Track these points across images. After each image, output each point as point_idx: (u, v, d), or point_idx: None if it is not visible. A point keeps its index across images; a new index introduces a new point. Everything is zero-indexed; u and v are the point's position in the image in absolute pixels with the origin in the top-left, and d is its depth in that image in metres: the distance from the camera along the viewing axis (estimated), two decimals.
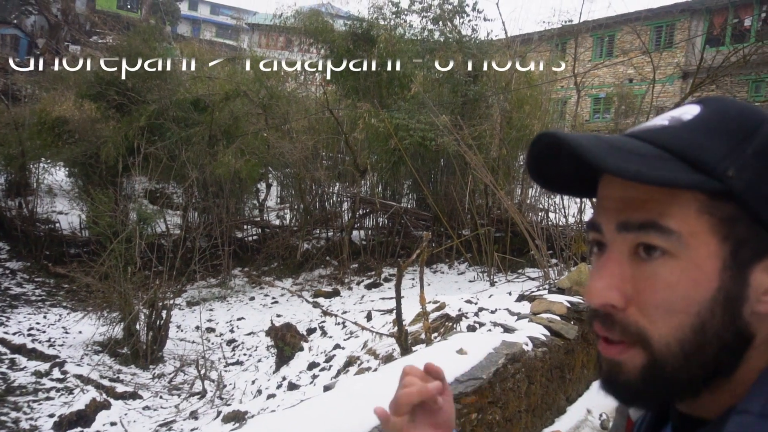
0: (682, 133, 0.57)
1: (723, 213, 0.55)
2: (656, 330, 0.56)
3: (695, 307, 0.55)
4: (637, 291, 0.57)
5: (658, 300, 0.56)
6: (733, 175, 0.54)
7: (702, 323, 0.55)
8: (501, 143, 11.64)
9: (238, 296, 12.25)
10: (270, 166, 15.27)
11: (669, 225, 0.55)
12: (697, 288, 0.55)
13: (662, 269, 0.56)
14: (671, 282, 0.55)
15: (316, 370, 7.38)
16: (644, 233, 0.56)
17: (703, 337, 0.55)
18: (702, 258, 0.55)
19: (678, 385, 0.57)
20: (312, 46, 14.45)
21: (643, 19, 18.38)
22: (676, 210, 0.55)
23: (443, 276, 12.16)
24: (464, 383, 3.08)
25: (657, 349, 0.56)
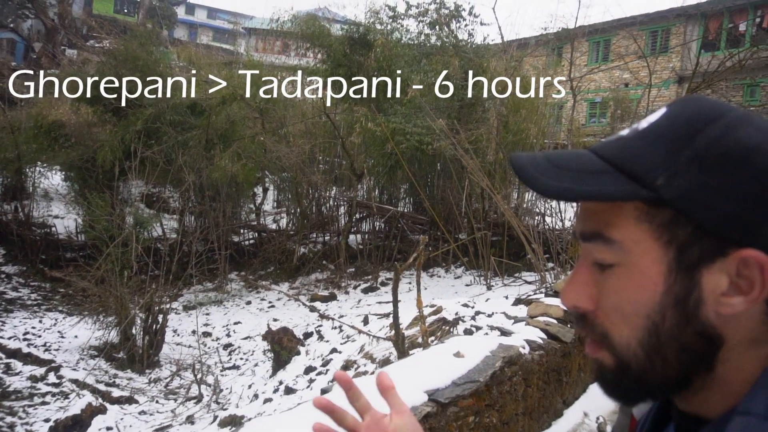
0: (627, 145, 0.60)
1: (662, 219, 0.57)
2: (617, 332, 0.59)
3: (644, 310, 0.58)
4: (599, 296, 0.61)
5: (611, 305, 0.60)
6: (662, 183, 0.56)
7: (654, 325, 0.57)
8: (497, 147, 11.66)
9: (234, 300, 12.23)
10: (266, 170, 15.27)
11: (611, 235, 0.59)
12: (643, 292, 0.58)
13: (612, 277, 0.60)
14: (618, 288, 0.59)
15: (312, 374, 7.37)
16: (592, 244, 0.61)
17: (659, 338, 0.57)
18: (646, 264, 0.58)
19: (650, 383, 0.60)
20: (309, 51, 14.47)
21: (638, 23, 18.49)
22: (619, 220, 0.59)
23: (440, 280, 12.16)
24: (461, 386, 3.08)
25: (619, 350, 0.60)
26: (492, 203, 11.78)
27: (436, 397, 2.91)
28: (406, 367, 3.21)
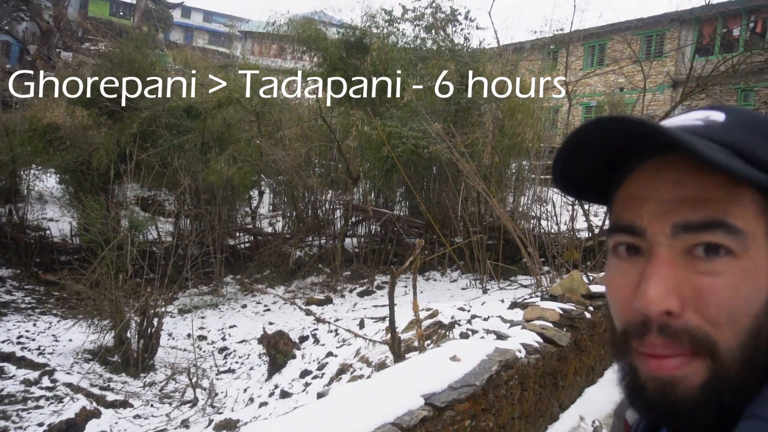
0: (731, 132, 0.56)
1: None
2: (721, 335, 0.53)
3: (754, 309, 0.53)
4: (695, 293, 0.54)
5: (722, 301, 0.53)
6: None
7: (759, 327, 0.53)
8: (493, 151, 11.69)
9: (230, 304, 12.20)
10: (262, 174, 15.27)
11: (737, 224, 0.53)
12: (758, 290, 0.53)
13: (726, 269, 0.53)
14: (735, 283, 0.53)
15: (308, 377, 7.36)
16: (708, 233, 0.53)
17: (759, 342, 0.53)
18: (760, 258, 0.54)
19: (735, 395, 0.54)
20: (305, 54, 14.49)
21: (633, 28, 18.57)
22: (740, 210, 0.54)
23: (436, 283, 12.16)
24: (457, 390, 3.08)
25: (723, 356, 0.53)
26: (488, 207, 11.80)
27: (433, 401, 2.91)
28: (402, 371, 3.21)
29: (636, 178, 0.59)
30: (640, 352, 0.56)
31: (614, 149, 0.60)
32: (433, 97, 12.65)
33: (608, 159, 0.61)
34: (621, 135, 0.56)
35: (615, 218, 0.61)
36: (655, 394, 0.55)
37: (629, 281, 0.57)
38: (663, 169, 0.57)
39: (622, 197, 0.60)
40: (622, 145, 0.59)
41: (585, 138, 0.59)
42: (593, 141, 0.59)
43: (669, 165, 0.56)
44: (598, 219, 11.91)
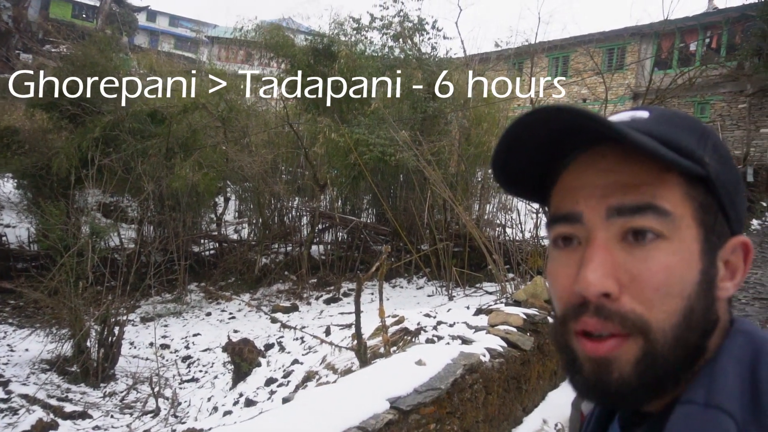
0: (654, 125, 0.59)
1: (699, 198, 0.58)
2: (654, 316, 0.56)
3: (687, 290, 0.56)
4: (631, 277, 0.56)
5: (657, 283, 0.55)
6: (707, 162, 0.58)
7: (691, 307, 0.56)
8: (459, 159, 11.82)
9: (194, 312, 12.01)
10: (228, 180, 15.12)
11: (665, 206, 0.56)
12: (689, 270, 0.56)
13: (658, 252, 0.56)
14: (668, 264, 0.56)
15: (274, 385, 7.30)
16: (639, 216, 0.56)
17: (691, 322, 0.56)
18: (689, 240, 0.57)
19: (668, 375, 0.57)
20: (272, 60, 14.44)
21: (595, 41, 19.04)
22: (667, 193, 0.57)
23: (402, 290, 12.20)
24: (423, 393, 3.10)
25: (655, 336, 0.56)
26: (454, 214, 11.90)
27: (398, 404, 2.93)
28: (368, 375, 3.22)
29: (571, 170, 0.62)
30: (576, 333, 0.59)
31: (550, 144, 0.62)
32: (400, 105, 12.74)
33: (544, 155, 0.64)
34: (558, 126, 0.59)
35: (553, 210, 0.64)
36: (592, 374, 0.58)
37: (569, 271, 0.59)
38: (596, 159, 0.60)
39: (559, 190, 0.63)
40: (557, 138, 0.61)
41: (524, 129, 0.61)
42: (531, 134, 0.61)
43: (602, 156, 0.59)
44: None
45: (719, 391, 0.54)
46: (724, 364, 0.56)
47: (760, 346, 0.57)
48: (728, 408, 0.52)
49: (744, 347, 0.57)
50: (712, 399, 0.53)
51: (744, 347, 0.57)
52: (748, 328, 0.60)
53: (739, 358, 0.56)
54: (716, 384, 0.55)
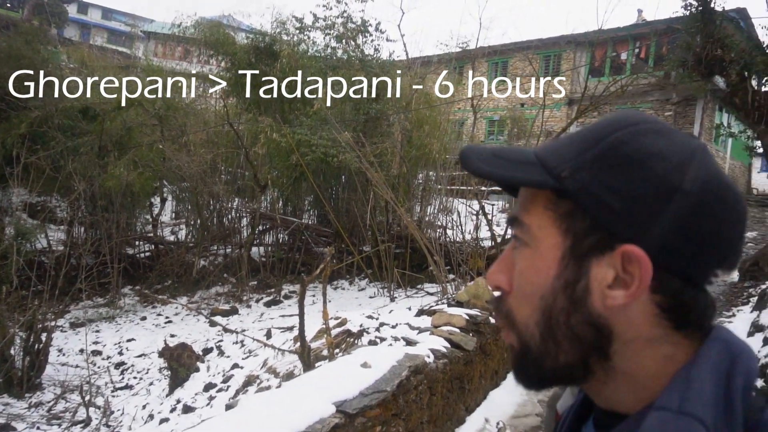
0: (554, 143, 0.66)
1: (563, 209, 0.62)
2: (520, 312, 0.64)
3: (540, 292, 0.62)
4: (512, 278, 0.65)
5: (517, 285, 0.64)
6: (566, 176, 0.61)
7: (548, 307, 0.61)
8: (401, 161, 11.90)
9: (128, 316, 11.58)
10: (165, 180, 14.65)
11: (523, 219, 0.65)
12: (539, 274, 0.62)
13: (519, 257, 0.65)
14: (522, 268, 0.64)
15: (213, 391, 7.12)
16: (514, 227, 0.66)
17: (550, 321, 0.61)
18: (545, 248, 0.63)
19: (547, 366, 0.62)
20: (212, 58, 14.12)
21: (533, 48, 19.59)
22: (532, 207, 0.64)
23: (344, 292, 12.16)
24: (369, 396, 3.08)
25: (519, 329, 0.64)
26: (396, 216, 11.96)
27: (344, 408, 2.90)
28: (313, 379, 3.18)
29: None
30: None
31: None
32: (342, 106, 12.71)
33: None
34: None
35: None
36: (511, 359, 0.67)
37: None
38: None
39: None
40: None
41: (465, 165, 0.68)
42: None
43: None
44: (500, 228, 12.38)
45: (693, 398, 0.54)
46: (699, 371, 0.56)
47: (737, 355, 0.58)
48: (701, 416, 0.53)
49: (720, 355, 0.58)
50: (685, 406, 0.54)
51: (720, 355, 0.58)
52: (726, 337, 0.60)
53: (715, 365, 0.57)
54: (690, 391, 0.55)
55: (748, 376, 0.57)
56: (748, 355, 0.58)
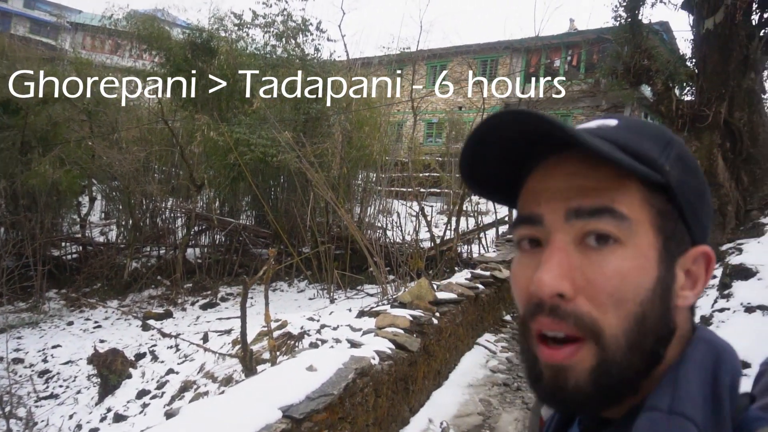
0: (620, 132, 0.61)
1: (658, 206, 0.59)
2: (607, 321, 0.56)
3: (641, 296, 0.56)
4: (587, 280, 0.56)
5: (611, 288, 0.56)
6: (668, 170, 0.59)
7: (644, 313, 0.56)
8: (342, 162, 11.84)
9: (53, 321, 10.99)
10: (94, 178, 14.02)
11: (622, 210, 0.57)
12: (644, 276, 0.57)
13: (614, 257, 0.56)
14: (623, 269, 0.56)
15: (146, 398, 6.86)
16: (597, 219, 0.57)
17: (644, 328, 0.56)
18: (646, 247, 0.57)
19: (624, 382, 0.57)
20: (145, 53, 13.63)
21: (472, 52, 19.97)
22: (626, 198, 0.57)
23: (283, 294, 11.98)
24: (315, 400, 3.03)
25: (608, 342, 0.56)
26: (336, 217, 11.90)
27: (291, 413, 2.83)
28: (258, 384, 3.09)
29: (537, 174, 0.63)
30: (536, 336, 0.59)
31: (516, 148, 0.63)
32: (282, 105, 12.53)
33: (512, 158, 0.65)
34: (522, 130, 0.60)
35: (519, 212, 0.64)
36: (550, 381, 0.58)
37: (529, 272, 0.60)
38: (560, 164, 0.61)
39: (524, 192, 0.64)
40: (523, 142, 0.62)
41: (490, 131, 0.61)
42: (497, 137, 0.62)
43: (565, 161, 0.60)
44: (438, 230, 12.52)
45: (682, 398, 0.55)
46: (686, 372, 0.57)
47: (720, 353, 0.59)
48: (691, 415, 0.53)
49: (706, 355, 0.58)
50: (676, 406, 0.54)
51: (706, 355, 0.58)
52: (708, 336, 0.61)
53: (702, 365, 0.57)
54: (679, 391, 0.55)
55: (734, 376, 0.57)
56: (731, 354, 0.59)
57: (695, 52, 10.31)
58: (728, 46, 9.41)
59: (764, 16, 9.88)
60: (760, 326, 4.52)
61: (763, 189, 10.01)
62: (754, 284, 4.87)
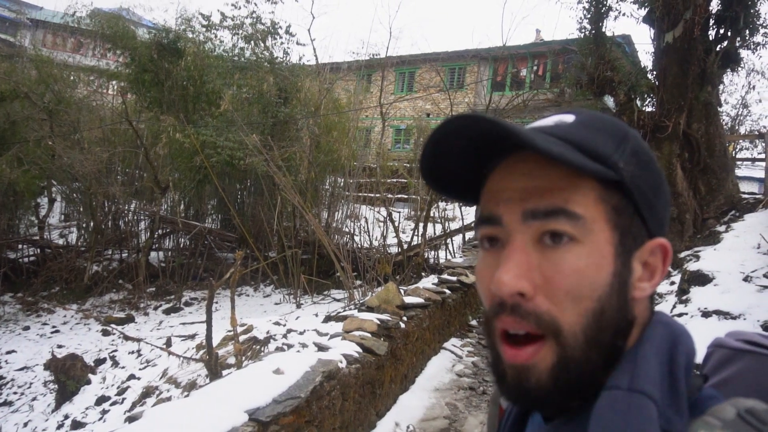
0: (575, 130, 0.62)
1: (613, 202, 0.60)
2: (565, 318, 0.58)
3: (598, 292, 0.58)
4: (545, 279, 0.58)
5: (568, 285, 0.58)
6: (622, 167, 0.60)
7: (602, 308, 0.58)
8: (310, 166, 11.78)
9: (8, 326, 10.63)
10: (54, 179, 13.64)
11: (576, 210, 0.58)
12: (600, 272, 0.58)
13: (570, 255, 0.58)
14: (579, 267, 0.58)
15: (106, 404, 6.68)
16: (552, 220, 0.58)
17: (602, 323, 0.58)
18: (602, 243, 0.59)
19: (582, 377, 0.59)
20: (110, 52, 13.35)
21: (440, 60, 20.13)
22: (579, 197, 0.59)
23: (249, 299, 11.85)
24: (282, 403, 3.00)
25: (567, 339, 0.58)
26: (303, 221, 11.83)
27: (257, 416, 2.80)
28: (224, 387, 3.05)
29: (496, 174, 0.64)
30: (499, 334, 0.61)
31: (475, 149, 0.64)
32: (250, 108, 12.42)
33: (472, 159, 0.66)
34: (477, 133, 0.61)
35: (480, 212, 0.65)
36: (513, 380, 0.60)
37: (493, 271, 0.61)
38: (517, 164, 0.62)
39: (484, 193, 0.65)
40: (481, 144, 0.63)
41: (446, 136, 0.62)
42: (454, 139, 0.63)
43: (522, 161, 0.62)
44: (406, 236, 12.57)
45: (641, 376, 0.57)
46: (645, 352, 0.59)
47: (678, 335, 0.61)
48: (650, 392, 0.55)
49: (663, 336, 0.61)
50: (635, 384, 0.56)
51: (663, 336, 0.61)
52: (666, 320, 0.64)
53: (659, 346, 0.60)
54: (639, 370, 0.57)
55: (689, 356, 0.60)
56: (687, 336, 0.62)
57: (656, 64, 10.60)
58: (687, 60, 9.70)
59: (720, 31, 10.23)
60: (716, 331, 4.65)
61: (718, 198, 10.33)
62: (711, 290, 5.02)
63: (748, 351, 0.66)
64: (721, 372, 0.66)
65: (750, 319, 4.74)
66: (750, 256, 5.72)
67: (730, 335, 0.70)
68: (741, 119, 18.48)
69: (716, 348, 0.70)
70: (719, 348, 0.69)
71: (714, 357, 0.70)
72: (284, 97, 12.20)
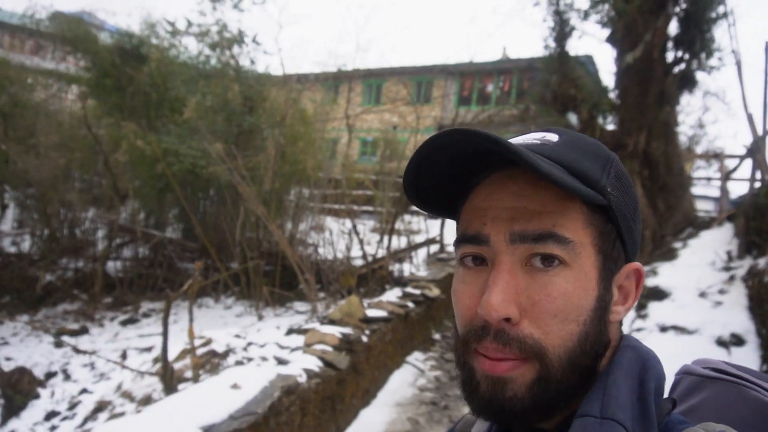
0: (563, 150, 0.61)
1: (600, 226, 0.60)
2: (550, 341, 0.57)
3: (583, 316, 0.57)
4: (532, 302, 0.57)
5: (555, 309, 0.57)
6: (609, 192, 0.59)
7: (586, 332, 0.58)
8: (274, 176, 11.66)
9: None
10: (7, 184, 13.19)
11: (565, 234, 0.57)
12: (586, 296, 0.58)
13: (559, 278, 0.57)
14: (568, 290, 0.57)
15: (56, 419, 6.44)
16: (541, 244, 0.57)
17: (585, 346, 0.58)
18: (588, 267, 0.58)
19: (560, 396, 0.58)
20: (69, 55, 13.03)
21: (408, 73, 20.28)
22: (568, 222, 0.58)
23: (209, 310, 11.61)
24: (239, 419, 2.91)
25: (551, 362, 0.57)
26: (267, 232, 11.68)
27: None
28: (178, 402, 2.94)
29: (481, 190, 0.62)
30: (477, 352, 0.59)
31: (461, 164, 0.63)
32: (214, 116, 12.25)
33: (456, 173, 0.64)
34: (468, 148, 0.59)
35: (462, 230, 0.63)
36: (487, 392, 0.58)
37: (473, 289, 0.60)
38: (505, 182, 0.60)
39: (468, 209, 0.63)
40: (468, 158, 0.62)
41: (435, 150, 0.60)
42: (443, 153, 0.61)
43: (511, 179, 0.60)
44: (371, 248, 12.52)
45: (612, 403, 0.56)
46: (615, 377, 0.58)
47: (646, 360, 0.61)
48: (621, 419, 0.54)
49: (632, 361, 0.60)
50: (607, 411, 0.55)
51: (632, 361, 0.60)
52: (634, 344, 0.63)
53: (628, 371, 0.59)
54: (609, 397, 0.56)
55: (658, 381, 0.60)
56: (656, 360, 0.62)
57: (618, 84, 10.88)
58: (646, 80, 9.99)
59: (678, 54, 10.56)
60: (673, 345, 4.74)
61: (676, 216, 10.62)
62: (668, 305, 5.12)
63: (716, 378, 0.66)
64: (690, 399, 0.66)
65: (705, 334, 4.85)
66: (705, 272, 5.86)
67: (698, 363, 0.71)
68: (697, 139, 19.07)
69: (684, 375, 0.71)
70: (687, 375, 0.70)
71: (682, 384, 0.70)
72: (250, 106, 12.08)
